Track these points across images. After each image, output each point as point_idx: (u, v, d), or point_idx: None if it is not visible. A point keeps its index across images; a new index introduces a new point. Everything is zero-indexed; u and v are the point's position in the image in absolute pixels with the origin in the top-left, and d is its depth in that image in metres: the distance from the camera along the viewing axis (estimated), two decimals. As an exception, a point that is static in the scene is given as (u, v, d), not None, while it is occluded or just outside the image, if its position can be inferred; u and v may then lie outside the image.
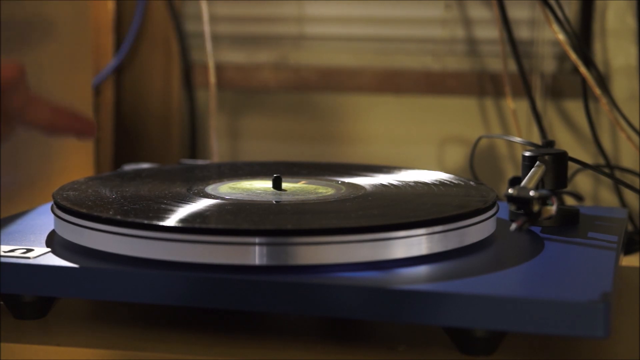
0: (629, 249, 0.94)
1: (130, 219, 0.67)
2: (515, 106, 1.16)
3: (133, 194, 0.76)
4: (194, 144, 1.28)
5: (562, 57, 1.19)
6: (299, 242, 0.65)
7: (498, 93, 1.20)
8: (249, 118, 1.28)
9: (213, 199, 0.75)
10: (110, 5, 1.24)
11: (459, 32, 1.22)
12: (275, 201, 0.75)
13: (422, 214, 0.69)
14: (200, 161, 1.07)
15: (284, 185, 0.80)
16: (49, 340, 0.66)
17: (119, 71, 1.28)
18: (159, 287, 0.64)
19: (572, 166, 1.06)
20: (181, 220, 0.67)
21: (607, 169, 1.10)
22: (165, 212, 0.69)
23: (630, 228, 1.02)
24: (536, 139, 1.14)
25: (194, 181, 0.83)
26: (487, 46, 1.21)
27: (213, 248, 0.65)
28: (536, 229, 0.77)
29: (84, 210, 0.70)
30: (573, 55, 1.04)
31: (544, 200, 0.68)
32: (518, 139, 0.91)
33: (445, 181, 0.82)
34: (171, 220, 0.67)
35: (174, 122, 1.27)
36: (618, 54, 1.16)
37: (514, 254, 0.71)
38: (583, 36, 1.17)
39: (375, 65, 1.24)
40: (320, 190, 0.79)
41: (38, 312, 0.69)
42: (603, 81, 1.09)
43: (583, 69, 1.04)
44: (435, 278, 0.64)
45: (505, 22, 1.11)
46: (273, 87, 1.26)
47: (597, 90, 1.04)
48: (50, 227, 0.76)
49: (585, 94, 1.09)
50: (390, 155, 1.24)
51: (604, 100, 1.05)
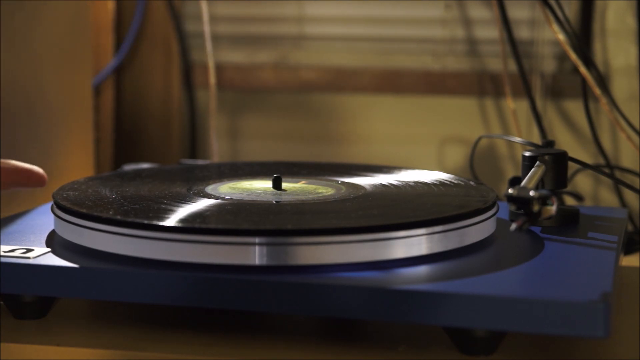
0: (629, 249, 0.94)
1: (130, 219, 0.67)
2: (515, 106, 1.16)
3: (133, 194, 0.76)
4: (194, 144, 1.28)
5: (562, 57, 1.19)
6: (299, 242, 0.65)
7: (498, 93, 1.20)
8: (249, 118, 1.28)
9: (213, 199, 0.75)
10: (110, 5, 1.24)
11: (459, 32, 1.22)
12: (275, 201, 0.75)
13: (422, 214, 0.69)
14: (200, 161, 1.07)
15: (284, 185, 0.80)
16: (49, 340, 0.66)
17: (119, 71, 1.28)
18: (159, 287, 0.64)
19: (572, 166, 1.06)
20: (181, 220, 0.67)
21: (607, 169, 1.10)
22: (165, 212, 0.69)
23: (630, 228, 1.02)
24: (536, 139, 1.14)
25: (194, 181, 0.82)
26: (487, 46, 1.21)
27: (213, 248, 0.65)
28: (536, 229, 0.77)
29: (84, 210, 0.70)
30: (573, 55, 1.04)
31: (544, 200, 0.68)
32: (518, 139, 0.91)
33: (445, 181, 0.82)
34: (171, 220, 0.67)
35: (174, 122, 1.27)
36: (618, 54, 1.16)
37: (514, 254, 0.71)
38: (583, 36, 1.17)
39: (375, 65, 1.24)
40: (320, 190, 0.79)
41: (38, 312, 0.69)
42: (603, 81, 1.08)
43: (583, 69, 1.04)
44: (435, 278, 0.64)
45: (505, 22, 1.11)
46: (273, 87, 1.26)
47: (597, 90, 1.04)
48: (50, 227, 0.76)
49: (585, 94, 1.09)
50: (390, 155, 1.24)
51: (604, 100, 1.05)
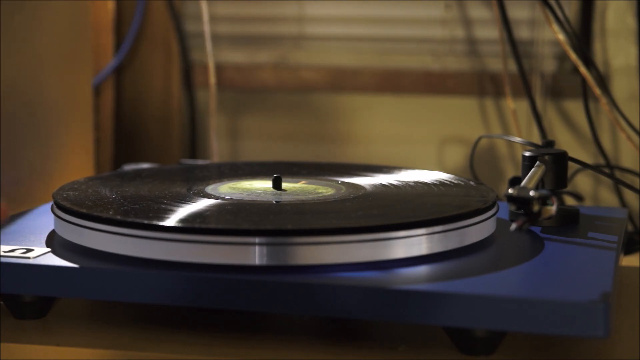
0: (629, 249, 0.94)
1: (130, 219, 0.67)
2: (515, 106, 1.16)
3: (133, 194, 0.76)
4: (194, 144, 1.28)
5: (562, 57, 1.19)
6: (299, 242, 0.65)
7: (498, 93, 1.20)
8: (249, 118, 1.28)
9: (213, 199, 0.75)
10: (110, 5, 1.24)
11: (459, 32, 1.22)
12: (275, 201, 0.75)
13: (422, 214, 0.69)
14: (200, 161, 1.07)
15: (284, 185, 0.80)
16: (49, 340, 0.66)
17: (119, 71, 1.27)
18: (159, 287, 0.64)
19: (572, 166, 1.06)
20: (181, 220, 0.67)
21: (607, 169, 1.10)
22: (165, 212, 0.69)
23: (630, 228, 1.02)
24: (536, 139, 1.14)
25: (194, 181, 0.83)
26: (487, 46, 1.21)
27: (213, 248, 0.65)
28: (536, 229, 0.77)
29: (84, 210, 0.70)
30: (573, 55, 1.04)
31: (544, 200, 0.68)
32: (518, 139, 0.91)
33: (445, 181, 0.82)
34: (171, 220, 0.67)
35: (174, 122, 1.27)
36: (618, 54, 1.16)
37: (514, 254, 0.71)
38: (583, 36, 1.17)
39: (375, 65, 1.24)
40: (320, 190, 0.79)
41: (38, 312, 0.69)
42: (603, 81, 1.08)
43: (583, 69, 1.04)
44: (435, 278, 0.64)
45: (505, 22, 1.11)
46: (273, 87, 1.26)
47: (597, 90, 1.04)
48: (50, 227, 0.76)
49: (585, 94, 1.09)
50: (390, 155, 1.24)
51: (604, 100, 1.05)
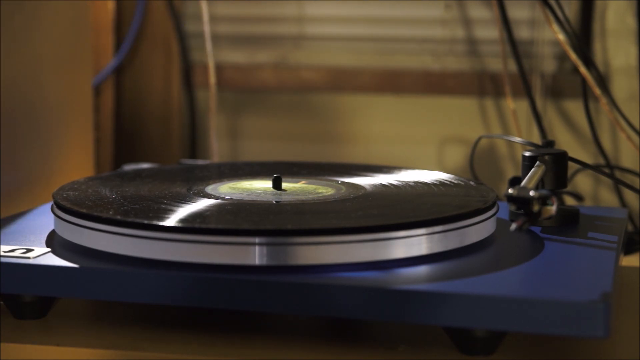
0: (629, 249, 0.94)
1: (130, 219, 0.67)
2: (515, 106, 1.16)
3: (133, 194, 0.76)
4: (194, 144, 1.28)
5: (562, 57, 1.19)
6: (299, 242, 0.65)
7: (498, 93, 1.20)
8: (249, 118, 1.28)
9: (213, 199, 0.75)
10: (110, 5, 1.24)
11: (459, 32, 1.22)
12: (275, 201, 0.75)
13: (422, 214, 0.69)
14: (200, 161, 1.07)
15: (284, 185, 0.80)
16: (49, 340, 0.66)
17: (119, 71, 1.27)
18: (159, 287, 0.64)
19: (572, 166, 1.06)
20: (181, 220, 0.67)
21: (607, 169, 1.10)
22: (165, 212, 0.69)
23: (630, 228, 1.02)
24: (536, 139, 1.14)
25: (194, 181, 0.82)
26: (487, 46, 1.21)
27: (213, 248, 0.65)
28: (536, 229, 0.77)
29: (84, 210, 0.70)
30: (573, 55, 1.04)
31: (544, 200, 0.68)
32: (518, 139, 0.91)
33: (445, 181, 0.82)
34: (171, 220, 0.67)
35: (174, 122, 1.27)
36: (618, 54, 1.16)
37: (514, 254, 0.71)
38: (583, 36, 1.17)
39: (375, 65, 1.24)
40: (320, 190, 0.79)
41: (38, 312, 0.69)
42: (603, 81, 1.08)
43: (583, 69, 1.04)
44: (435, 278, 0.64)
45: (505, 22, 1.11)
46: (273, 87, 1.26)
47: (597, 90, 1.04)
48: (50, 227, 0.76)
49: (585, 94, 1.09)
50: (390, 155, 1.24)
51: (604, 100, 1.05)
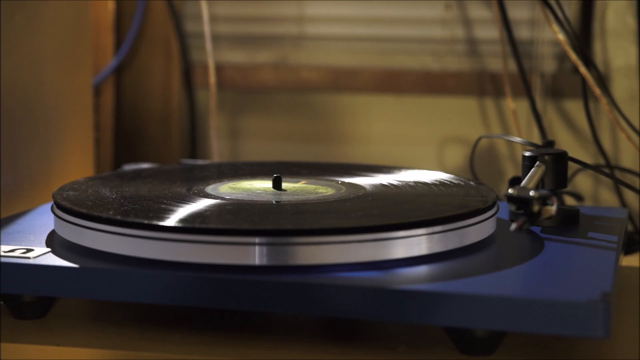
0: (629, 249, 0.94)
1: (130, 219, 0.67)
2: (515, 106, 1.16)
3: (133, 194, 0.76)
4: (194, 144, 1.28)
5: (562, 57, 1.19)
6: (299, 242, 0.65)
7: (498, 93, 1.20)
8: (249, 118, 1.28)
9: (213, 199, 0.75)
10: (110, 5, 1.24)
11: (459, 32, 1.22)
12: (275, 201, 0.75)
13: (422, 214, 0.69)
14: (200, 161, 1.07)
15: (284, 185, 0.80)
16: (49, 340, 0.66)
17: (119, 71, 1.27)
18: (159, 287, 0.64)
19: (572, 166, 1.06)
20: (181, 220, 0.67)
21: (607, 169, 1.10)
22: (165, 212, 0.69)
23: (630, 228, 1.02)
24: (536, 139, 1.14)
25: (194, 181, 0.82)
26: (487, 46, 1.21)
27: (213, 248, 0.65)
28: (536, 229, 0.77)
29: (84, 210, 0.70)
30: (573, 55, 1.04)
31: (544, 200, 0.68)
32: (518, 139, 0.91)
33: (445, 181, 0.82)
34: (171, 220, 0.67)
35: (174, 122, 1.27)
36: (618, 54, 1.16)
37: (514, 254, 0.71)
38: (583, 36, 1.17)
39: (375, 65, 1.24)
40: (320, 190, 0.79)
41: (38, 312, 0.69)
42: (603, 81, 1.08)
43: (583, 69, 1.04)
44: (435, 278, 0.64)
45: (505, 22, 1.11)
46: (273, 87, 1.26)
47: (597, 90, 1.04)
48: (50, 227, 0.76)
49: (585, 94, 1.09)
50: (390, 155, 1.24)
51: (604, 100, 1.05)
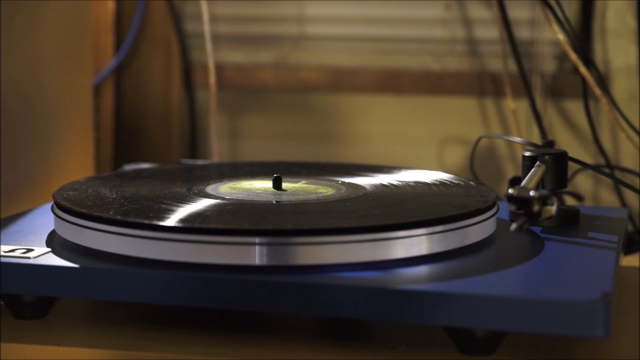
0: (629, 249, 0.94)
1: (130, 219, 0.67)
2: (515, 106, 1.16)
3: (133, 194, 0.76)
4: (194, 144, 1.28)
5: (562, 57, 1.19)
6: (299, 242, 0.65)
7: (498, 93, 1.20)
8: (249, 118, 1.28)
9: (213, 199, 0.75)
10: (110, 5, 1.24)
11: (459, 32, 1.22)
12: (275, 201, 0.75)
13: (422, 214, 0.69)
14: (200, 161, 1.07)
15: (284, 185, 0.80)
16: (49, 340, 0.66)
17: (119, 71, 1.27)
18: (159, 287, 0.64)
19: (572, 166, 1.06)
20: (181, 220, 0.67)
21: (607, 169, 1.10)
22: (165, 212, 0.69)
23: (630, 228, 1.02)
24: (536, 139, 1.14)
25: (194, 181, 0.82)
26: (487, 46, 1.21)
27: (213, 248, 0.65)
28: (536, 229, 0.77)
29: (84, 210, 0.70)
30: (573, 55, 1.04)
31: (544, 200, 0.68)
32: (518, 139, 0.91)
33: (445, 181, 0.82)
34: (171, 220, 0.67)
35: (174, 122, 1.27)
36: (618, 54, 1.16)
37: (514, 254, 0.71)
38: (583, 36, 1.17)
39: (375, 65, 1.24)
40: (320, 190, 0.79)
41: (38, 312, 0.69)
42: (603, 81, 1.08)
43: (583, 69, 1.04)
44: (435, 278, 0.64)
45: (505, 22, 1.11)
46: (273, 87, 1.26)
47: (597, 90, 1.04)
48: (51, 227, 0.76)
49: (585, 94, 1.09)
50: (390, 155, 1.24)
51: (604, 100, 1.05)
